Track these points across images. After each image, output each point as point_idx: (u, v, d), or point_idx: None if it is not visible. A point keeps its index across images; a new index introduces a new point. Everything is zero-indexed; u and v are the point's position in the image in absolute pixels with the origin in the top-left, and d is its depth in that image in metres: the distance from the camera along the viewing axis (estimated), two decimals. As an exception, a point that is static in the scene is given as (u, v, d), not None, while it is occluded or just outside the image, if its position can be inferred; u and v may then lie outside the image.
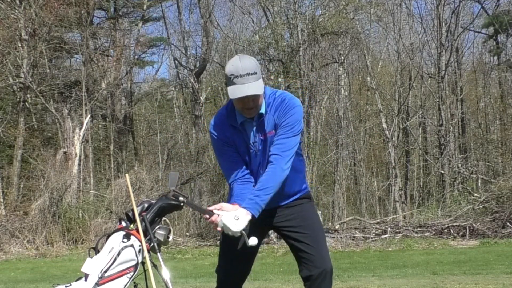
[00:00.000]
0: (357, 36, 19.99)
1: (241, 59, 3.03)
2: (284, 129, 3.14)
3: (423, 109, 22.26)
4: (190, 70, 23.04)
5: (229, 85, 3.01)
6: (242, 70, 2.97)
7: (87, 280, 4.13)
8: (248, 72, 2.98)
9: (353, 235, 14.64)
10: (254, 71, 2.99)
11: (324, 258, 3.23)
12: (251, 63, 3.01)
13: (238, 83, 2.98)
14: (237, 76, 2.97)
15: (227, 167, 3.26)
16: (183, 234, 16.99)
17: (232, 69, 2.99)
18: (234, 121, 3.18)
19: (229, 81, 3.01)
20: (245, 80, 2.97)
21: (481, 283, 7.15)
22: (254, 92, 2.99)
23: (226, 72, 3.02)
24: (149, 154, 23.78)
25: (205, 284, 8.46)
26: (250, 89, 2.98)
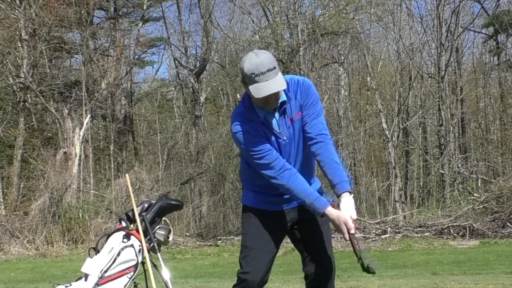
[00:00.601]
0: (357, 36, 19.98)
1: (258, 55, 2.98)
2: (312, 109, 3.15)
3: (423, 109, 22.25)
4: (190, 70, 23.05)
5: (251, 84, 2.96)
6: (262, 67, 2.93)
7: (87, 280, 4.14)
8: (268, 68, 2.94)
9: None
10: (273, 66, 2.97)
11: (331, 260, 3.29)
12: (269, 59, 2.98)
13: (261, 81, 2.94)
14: (258, 74, 2.93)
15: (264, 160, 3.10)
16: (183, 234, 17.00)
17: (251, 67, 2.94)
18: (256, 116, 3.13)
19: (249, 80, 2.96)
20: (267, 77, 2.94)
21: (481, 283, 7.15)
22: (280, 88, 2.97)
23: (246, 71, 2.96)
24: (149, 154, 23.78)
25: (205, 284, 8.46)
26: (275, 86, 2.95)
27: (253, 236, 3.24)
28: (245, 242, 3.27)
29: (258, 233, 3.22)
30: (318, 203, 3.02)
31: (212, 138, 19.64)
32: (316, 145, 3.12)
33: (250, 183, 3.33)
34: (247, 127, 3.11)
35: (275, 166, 3.08)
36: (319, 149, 3.11)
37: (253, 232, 3.24)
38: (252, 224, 3.25)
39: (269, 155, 3.09)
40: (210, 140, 19.63)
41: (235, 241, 15.39)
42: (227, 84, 22.96)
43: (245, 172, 3.35)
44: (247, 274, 3.18)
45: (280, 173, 3.07)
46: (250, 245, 3.23)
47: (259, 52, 3.02)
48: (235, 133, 3.14)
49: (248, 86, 2.98)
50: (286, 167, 3.09)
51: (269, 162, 3.08)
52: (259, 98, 2.98)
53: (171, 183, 19.12)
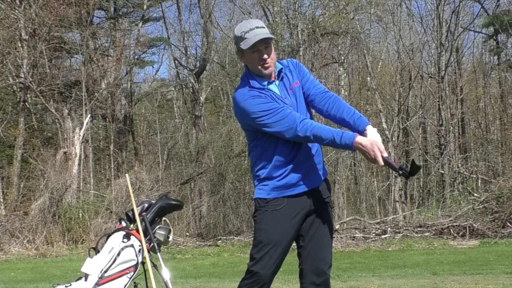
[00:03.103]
0: (357, 36, 19.99)
1: (248, 20, 3.21)
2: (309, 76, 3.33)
3: (423, 109, 22.25)
4: (190, 70, 23.05)
5: (242, 41, 3.10)
6: (251, 25, 3.10)
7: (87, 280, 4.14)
8: (256, 25, 3.10)
9: (353, 235, 14.64)
10: (262, 25, 3.13)
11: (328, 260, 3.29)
12: (259, 20, 3.19)
13: (250, 35, 3.08)
14: (247, 31, 3.09)
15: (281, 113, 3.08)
16: (183, 234, 16.99)
17: (242, 27, 3.12)
18: (259, 85, 3.19)
19: (240, 39, 3.11)
20: (256, 32, 3.08)
21: (481, 283, 7.15)
22: (267, 35, 3.09)
23: (236, 33, 3.13)
24: (149, 154, 23.78)
25: (205, 284, 8.46)
26: (263, 33, 3.08)
27: (269, 232, 3.19)
28: (260, 237, 3.21)
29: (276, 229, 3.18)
30: (347, 135, 3.01)
31: (212, 138, 19.64)
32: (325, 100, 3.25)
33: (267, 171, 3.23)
34: (254, 93, 3.15)
35: (292, 117, 3.08)
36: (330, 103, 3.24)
37: (270, 227, 3.19)
38: (270, 219, 3.20)
39: (283, 110, 3.10)
40: (210, 140, 19.63)
41: (235, 241, 15.39)
42: (227, 84, 22.95)
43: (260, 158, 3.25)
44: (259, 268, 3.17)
45: (300, 121, 3.07)
46: (265, 240, 3.18)
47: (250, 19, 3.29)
48: (245, 100, 3.13)
49: (240, 45, 3.10)
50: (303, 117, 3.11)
51: (286, 115, 3.07)
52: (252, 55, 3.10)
53: (171, 183, 19.11)
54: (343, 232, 14.90)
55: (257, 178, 3.29)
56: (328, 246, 3.29)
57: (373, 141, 2.98)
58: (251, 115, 3.12)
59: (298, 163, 3.19)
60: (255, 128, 3.18)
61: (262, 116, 3.09)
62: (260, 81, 3.18)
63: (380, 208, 21.70)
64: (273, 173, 3.21)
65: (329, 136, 3.02)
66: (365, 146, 2.97)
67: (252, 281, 3.19)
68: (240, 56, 3.20)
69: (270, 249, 3.16)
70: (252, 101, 3.11)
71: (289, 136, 3.09)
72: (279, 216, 3.19)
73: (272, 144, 3.18)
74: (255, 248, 3.21)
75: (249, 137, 3.30)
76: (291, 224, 3.21)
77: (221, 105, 25.14)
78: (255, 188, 3.32)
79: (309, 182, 3.22)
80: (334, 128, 3.08)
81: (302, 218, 3.24)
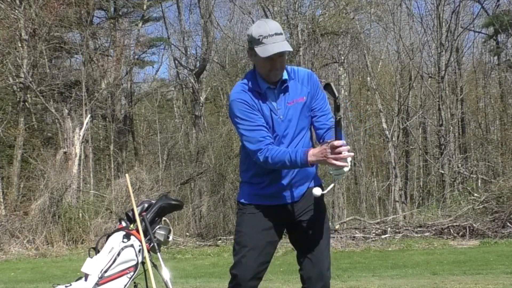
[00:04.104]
0: (357, 36, 19.99)
1: (267, 21, 3.05)
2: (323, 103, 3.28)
3: (423, 109, 22.25)
4: (190, 70, 23.04)
5: (258, 46, 2.99)
6: (270, 30, 2.99)
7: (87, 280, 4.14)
8: (276, 32, 2.99)
9: (353, 235, 14.64)
10: (281, 31, 3.02)
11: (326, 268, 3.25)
12: (277, 25, 3.04)
13: (268, 42, 2.98)
14: (266, 36, 2.98)
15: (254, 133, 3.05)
16: (183, 234, 16.99)
17: (260, 30, 2.99)
18: (258, 87, 3.13)
19: (257, 42, 3.00)
20: (274, 40, 2.98)
21: (481, 283, 7.15)
22: (286, 49, 3.00)
23: (253, 34, 3.00)
24: (149, 154, 23.78)
25: (205, 284, 8.46)
26: (282, 46, 2.98)
27: (246, 234, 3.21)
28: (238, 239, 3.25)
29: (252, 231, 3.19)
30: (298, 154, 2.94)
31: (212, 138, 19.63)
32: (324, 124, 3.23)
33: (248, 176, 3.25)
34: (246, 97, 3.10)
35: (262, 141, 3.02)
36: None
37: (247, 230, 3.22)
38: (247, 222, 3.23)
39: (260, 130, 3.05)
40: (210, 140, 19.63)
41: (235, 241, 15.37)
42: (227, 84, 22.93)
43: (244, 161, 3.28)
44: (237, 271, 3.18)
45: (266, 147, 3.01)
46: (243, 243, 3.21)
47: (268, 19, 3.13)
48: (234, 100, 3.11)
49: (255, 48, 3.01)
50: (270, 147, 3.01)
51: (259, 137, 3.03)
52: (264, 62, 3.00)
53: (171, 183, 19.11)
54: (343, 232, 14.89)
55: (241, 180, 3.35)
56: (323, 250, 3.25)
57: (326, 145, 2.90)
58: (233, 118, 3.13)
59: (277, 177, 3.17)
60: None
61: (240, 122, 3.09)
62: (262, 83, 3.12)
63: (380, 208, 21.70)
64: (253, 180, 3.23)
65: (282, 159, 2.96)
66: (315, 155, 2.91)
67: (232, 285, 3.22)
68: (250, 55, 3.12)
69: (246, 252, 3.17)
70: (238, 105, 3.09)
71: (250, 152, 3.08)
72: (256, 221, 3.21)
73: None
74: (234, 251, 3.26)
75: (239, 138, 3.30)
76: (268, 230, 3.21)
77: (221, 105, 25.13)
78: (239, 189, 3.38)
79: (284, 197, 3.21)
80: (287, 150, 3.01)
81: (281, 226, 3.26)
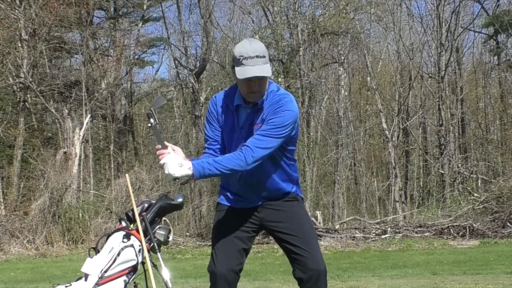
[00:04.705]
0: (357, 36, 19.99)
1: (251, 42, 3.07)
2: (267, 126, 3.07)
3: (423, 109, 22.25)
4: (190, 70, 23.04)
5: (237, 66, 3.03)
6: (252, 52, 3.00)
7: (87, 280, 4.13)
8: (257, 54, 3.01)
9: (353, 235, 14.64)
10: (263, 54, 3.03)
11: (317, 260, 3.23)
12: (261, 47, 3.05)
13: (247, 64, 3.00)
14: (246, 57, 3.00)
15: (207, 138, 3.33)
16: (183, 234, 17.00)
17: (242, 50, 3.02)
18: (230, 102, 3.23)
19: (237, 62, 3.03)
20: (254, 62, 3.00)
21: (481, 283, 7.16)
22: (262, 74, 3.01)
23: (235, 53, 3.04)
24: (149, 154, 23.76)
25: (205, 284, 8.45)
26: (259, 71, 3.00)
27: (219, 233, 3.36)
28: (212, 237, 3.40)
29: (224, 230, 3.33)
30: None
31: (212, 138, 19.62)
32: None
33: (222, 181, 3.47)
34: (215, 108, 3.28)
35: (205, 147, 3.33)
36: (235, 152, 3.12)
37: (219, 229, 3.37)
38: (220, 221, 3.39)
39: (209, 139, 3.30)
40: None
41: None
42: (227, 84, 22.92)
43: None
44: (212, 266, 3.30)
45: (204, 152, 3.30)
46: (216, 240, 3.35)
47: (253, 40, 3.12)
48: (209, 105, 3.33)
49: (235, 68, 3.05)
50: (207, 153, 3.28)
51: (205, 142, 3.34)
52: (242, 83, 3.06)
53: (171, 183, 19.10)
54: (343, 232, 14.90)
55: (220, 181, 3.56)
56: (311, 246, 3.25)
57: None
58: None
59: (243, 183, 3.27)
60: None
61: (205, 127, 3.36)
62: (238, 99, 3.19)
63: (380, 208, 21.71)
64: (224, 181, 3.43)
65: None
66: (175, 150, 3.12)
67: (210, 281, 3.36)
68: (232, 73, 3.14)
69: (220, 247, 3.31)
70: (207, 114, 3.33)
71: None
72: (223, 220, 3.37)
73: None
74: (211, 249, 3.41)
75: None
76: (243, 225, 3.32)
77: (221, 105, 25.12)
78: None
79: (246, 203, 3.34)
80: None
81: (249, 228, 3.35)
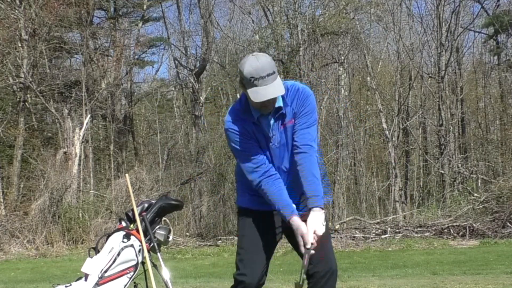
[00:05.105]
0: (357, 36, 19.97)
1: (259, 59, 2.97)
2: (304, 118, 3.13)
3: (423, 109, 22.24)
4: (190, 70, 23.04)
5: (249, 88, 2.96)
6: (262, 71, 2.93)
7: (87, 280, 4.14)
8: (268, 73, 2.94)
9: (353, 235, 14.64)
10: (273, 70, 2.97)
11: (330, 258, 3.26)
12: (269, 63, 2.97)
13: (260, 85, 2.94)
14: (257, 78, 2.93)
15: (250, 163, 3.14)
16: (183, 234, 17.00)
17: (251, 70, 2.93)
18: (250, 116, 3.13)
19: (248, 83, 2.96)
20: (266, 82, 2.94)
21: (481, 283, 7.15)
22: (277, 94, 2.98)
23: (245, 74, 2.95)
24: (149, 154, 23.79)
25: (205, 284, 8.46)
26: (273, 91, 2.96)
27: (249, 238, 3.25)
28: (242, 244, 3.28)
29: (254, 235, 3.24)
30: (285, 211, 3.05)
31: (212, 138, 19.64)
32: (299, 155, 3.12)
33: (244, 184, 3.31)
34: (239, 126, 3.13)
35: (258, 171, 3.11)
36: (301, 160, 3.11)
37: (249, 234, 3.26)
38: (248, 226, 3.27)
39: (256, 159, 3.12)
40: (210, 140, 19.63)
41: (235, 241, 15.38)
42: (227, 84, 22.96)
43: (240, 172, 3.31)
44: (244, 276, 3.19)
45: (262, 179, 3.10)
46: (246, 247, 3.24)
47: (260, 56, 3.01)
48: (227, 129, 3.17)
49: (247, 89, 2.98)
50: (269, 174, 3.11)
51: (255, 166, 3.12)
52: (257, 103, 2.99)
53: (171, 183, 19.12)
54: (343, 232, 14.90)
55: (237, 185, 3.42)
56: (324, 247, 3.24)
57: (300, 231, 2.99)
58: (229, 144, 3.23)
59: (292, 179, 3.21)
60: None
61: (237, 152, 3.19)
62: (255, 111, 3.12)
63: (380, 208, 21.69)
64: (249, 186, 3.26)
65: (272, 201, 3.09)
66: (293, 228, 3.04)
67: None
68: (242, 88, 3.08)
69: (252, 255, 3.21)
70: (233, 135, 3.15)
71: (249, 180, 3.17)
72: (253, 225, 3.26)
73: None
74: (238, 256, 3.27)
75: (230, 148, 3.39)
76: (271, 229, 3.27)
77: (221, 105, 25.13)
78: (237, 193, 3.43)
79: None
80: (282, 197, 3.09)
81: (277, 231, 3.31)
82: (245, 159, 3.15)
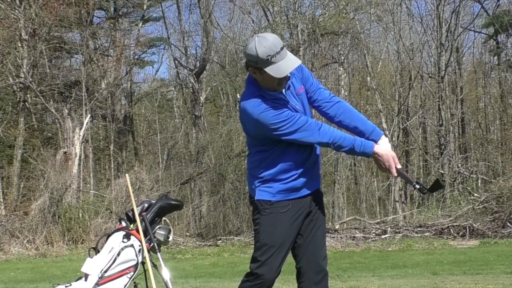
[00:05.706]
0: (357, 36, 19.99)
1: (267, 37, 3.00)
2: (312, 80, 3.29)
3: (423, 109, 22.25)
4: (190, 70, 23.04)
5: (267, 66, 2.96)
6: (275, 47, 2.97)
7: (87, 280, 4.14)
8: (281, 46, 2.99)
9: (353, 235, 14.64)
10: (282, 44, 3.03)
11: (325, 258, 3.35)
12: (277, 38, 3.03)
13: (278, 60, 2.97)
14: (274, 54, 2.95)
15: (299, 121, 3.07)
16: (183, 234, 16.99)
17: (266, 50, 2.94)
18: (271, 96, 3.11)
19: (265, 63, 2.96)
20: (282, 56, 2.98)
21: (481, 283, 7.15)
22: (298, 62, 3.07)
23: (260, 55, 2.94)
24: (149, 154, 23.79)
25: (205, 284, 8.46)
26: (294, 61, 3.03)
27: (273, 234, 3.19)
28: (265, 240, 3.20)
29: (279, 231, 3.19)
30: (367, 145, 3.11)
31: (212, 138, 19.64)
32: (335, 105, 3.25)
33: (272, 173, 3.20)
34: (268, 104, 3.08)
35: (311, 124, 3.09)
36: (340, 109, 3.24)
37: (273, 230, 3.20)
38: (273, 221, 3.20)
39: (301, 117, 3.09)
40: (210, 140, 19.63)
41: (235, 241, 15.39)
42: (227, 84, 22.95)
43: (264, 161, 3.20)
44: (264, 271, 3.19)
45: (319, 128, 3.09)
46: (270, 243, 3.19)
47: (265, 34, 3.04)
48: (260, 113, 3.05)
49: (265, 69, 2.98)
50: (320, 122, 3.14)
51: (304, 123, 3.07)
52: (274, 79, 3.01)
53: (171, 183, 19.11)
54: (343, 232, 14.89)
55: (259, 179, 3.24)
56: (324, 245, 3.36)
57: (390, 152, 3.13)
58: (269, 126, 3.06)
59: (306, 168, 3.22)
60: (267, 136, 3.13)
61: (281, 126, 3.05)
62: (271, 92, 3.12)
63: (380, 208, 21.70)
64: (279, 176, 3.19)
65: (348, 144, 3.09)
66: (381, 156, 3.11)
67: (255, 283, 3.20)
68: (254, 72, 3.06)
69: (274, 251, 3.17)
70: (268, 113, 3.04)
71: (308, 141, 3.11)
72: (284, 218, 3.19)
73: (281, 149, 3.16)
74: (259, 251, 3.20)
75: (255, 142, 3.24)
76: (294, 226, 3.23)
77: (221, 105, 25.15)
78: (255, 189, 3.26)
79: (311, 185, 3.28)
80: (351, 136, 3.14)
81: (303, 219, 3.27)
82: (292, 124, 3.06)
